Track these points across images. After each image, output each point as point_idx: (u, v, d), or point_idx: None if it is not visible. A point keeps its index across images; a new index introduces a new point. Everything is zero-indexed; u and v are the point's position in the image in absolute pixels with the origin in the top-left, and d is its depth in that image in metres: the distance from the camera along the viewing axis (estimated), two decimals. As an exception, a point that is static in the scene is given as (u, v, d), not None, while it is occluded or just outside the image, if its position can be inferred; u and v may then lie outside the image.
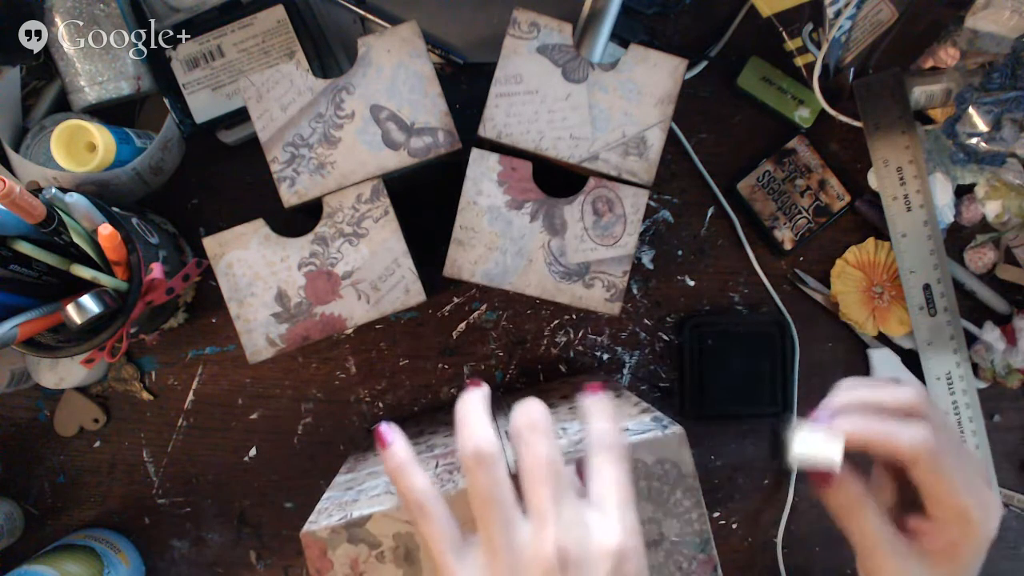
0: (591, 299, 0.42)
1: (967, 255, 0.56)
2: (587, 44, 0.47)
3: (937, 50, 0.53)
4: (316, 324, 0.42)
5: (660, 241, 0.57)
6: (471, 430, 0.31)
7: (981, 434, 0.55)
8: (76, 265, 0.44)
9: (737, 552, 0.57)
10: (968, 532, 0.33)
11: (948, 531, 0.33)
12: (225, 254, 0.42)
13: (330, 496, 0.40)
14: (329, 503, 0.38)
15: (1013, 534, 0.57)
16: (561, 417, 0.42)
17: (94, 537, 0.54)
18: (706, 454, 0.57)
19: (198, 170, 0.55)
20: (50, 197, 0.44)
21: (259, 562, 0.56)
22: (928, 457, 0.32)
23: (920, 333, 0.55)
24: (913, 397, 0.34)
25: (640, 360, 0.57)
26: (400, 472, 0.32)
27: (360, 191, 0.42)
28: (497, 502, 0.30)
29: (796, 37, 0.53)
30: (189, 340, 0.56)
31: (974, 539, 0.33)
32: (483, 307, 0.56)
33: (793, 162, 0.56)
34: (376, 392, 0.56)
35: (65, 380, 0.54)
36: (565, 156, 0.42)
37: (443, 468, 0.38)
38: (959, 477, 0.33)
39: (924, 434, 0.32)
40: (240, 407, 0.56)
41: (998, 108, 0.48)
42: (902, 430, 0.33)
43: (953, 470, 0.33)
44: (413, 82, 0.43)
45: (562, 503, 0.30)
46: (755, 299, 0.57)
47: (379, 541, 0.34)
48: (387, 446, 0.33)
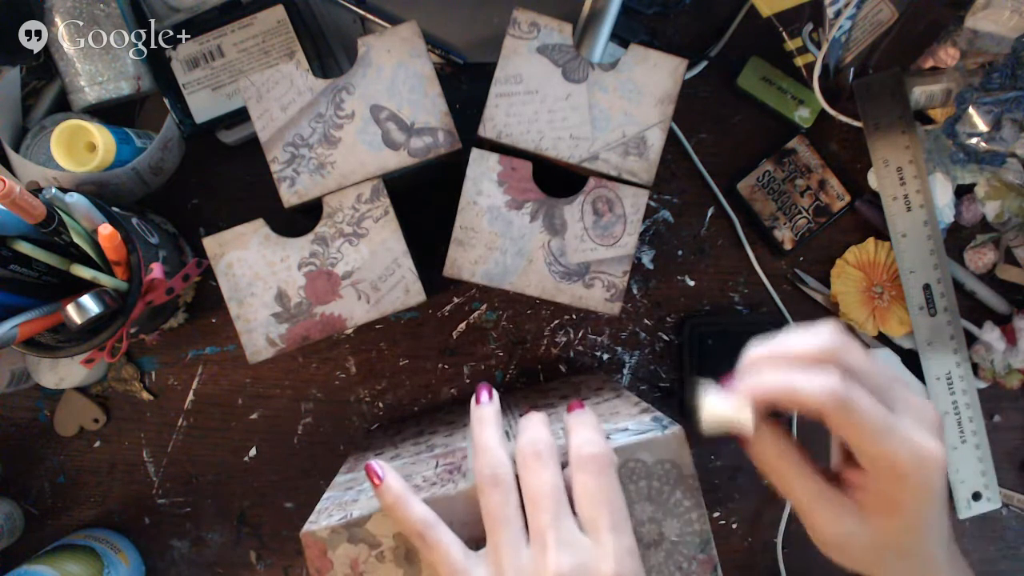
0: (591, 299, 0.42)
1: (967, 255, 0.56)
2: (587, 44, 0.48)
3: (937, 50, 0.53)
4: (316, 324, 0.42)
5: (660, 241, 0.57)
6: (490, 455, 0.33)
7: (981, 434, 0.55)
8: (76, 265, 0.44)
9: (737, 552, 0.57)
10: (902, 485, 0.30)
11: (879, 484, 0.30)
12: (225, 254, 0.42)
13: (330, 496, 0.40)
14: (329, 503, 0.38)
15: (1013, 534, 0.57)
16: (561, 417, 0.42)
17: (94, 537, 0.54)
18: (706, 454, 0.57)
19: (198, 170, 0.55)
20: (50, 197, 0.44)
21: (259, 562, 0.56)
22: (836, 406, 0.29)
23: (920, 333, 0.55)
24: (820, 341, 0.30)
25: (640, 360, 0.57)
26: (398, 506, 0.33)
27: (360, 191, 0.42)
28: (508, 522, 0.32)
29: (796, 37, 0.53)
30: (189, 340, 0.56)
31: (911, 492, 0.30)
32: (483, 307, 0.56)
33: (793, 162, 0.56)
34: (376, 392, 0.56)
35: (65, 380, 0.54)
36: (565, 156, 0.42)
37: (443, 468, 0.38)
38: (881, 424, 0.29)
39: (828, 382, 0.29)
40: (240, 407, 0.56)
41: (998, 108, 0.48)
42: (804, 381, 0.30)
43: (873, 417, 0.29)
44: (413, 82, 0.43)
45: (560, 529, 0.31)
46: (755, 299, 0.57)
47: (379, 541, 0.34)
48: (381, 481, 0.34)
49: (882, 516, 0.31)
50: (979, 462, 0.55)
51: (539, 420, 0.35)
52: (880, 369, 0.31)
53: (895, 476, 0.30)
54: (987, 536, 0.58)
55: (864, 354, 0.31)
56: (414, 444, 0.46)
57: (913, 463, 0.29)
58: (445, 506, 0.34)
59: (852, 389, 0.29)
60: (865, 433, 0.29)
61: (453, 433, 0.45)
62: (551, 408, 0.44)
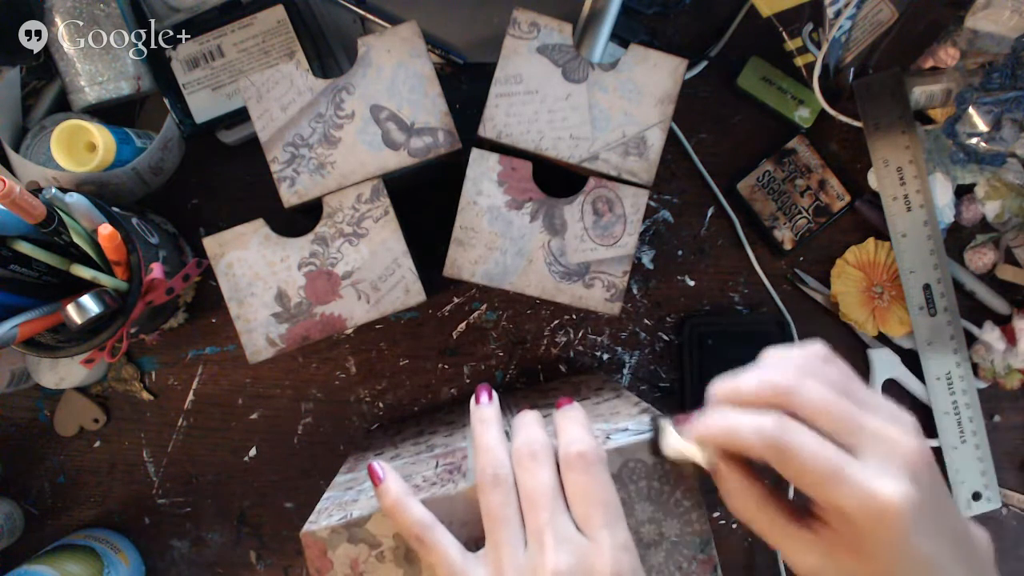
0: (591, 299, 0.42)
1: (967, 255, 0.56)
2: (587, 44, 0.47)
3: (937, 50, 0.53)
4: (316, 324, 0.42)
5: (660, 241, 0.57)
6: (491, 455, 0.33)
7: (981, 434, 0.55)
8: (76, 265, 0.44)
9: (737, 552, 0.57)
10: (860, 536, 0.27)
11: (836, 525, 0.28)
12: (225, 254, 0.42)
13: (330, 496, 0.40)
14: (329, 503, 0.38)
15: (1013, 534, 0.57)
16: None
17: (94, 537, 0.54)
18: (706, 454, 0.57)
19: (198, 170, 0.55)
20: (50, 197, 0.44)
21: (259, 562, 0.56)
22: (772, 452, 0.27)
23: (920, 333, 0.55)
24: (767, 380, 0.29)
25: (640, 360, 0.57)
26: (397, 507, 0.33)
27: (360, 191, 0.42)
28: (508, 522, 0.32)
29: (796, 37, 0.53)
30: (189, 340, 0.56)
31: (871, 544, 0.27)
32: (483, 307, 0.56)
33: (793, 162, 0.56)
34: (376, 392, 0.56)
35: (65, 380, 0.54)
36: (565, 156, 0.42)
37: (443, 468, 0.38)
38: (827, 471, 0.27)
39: (763, 425, 0.27)
40: (240, 407, 0.56)
41: (998, 108, 0.48)
42: (742, 425, 0.28)
43: (815, 463, 0.27)
44: (413, 82, 0.43)
45: (557, 528, 0.31)
46: (755, 299, 0.57)
47: (379, 541, 0.34)
48: (381, 482, 0.34)
49: (849, 557, 0.28)
50: (979, 462, 0.55)
51: (533, 419, 0.35)
52: (842, 407, 0.28)
53: (844, 521, 0.27)
54: (987, 536, 0.58)
55: (830, 383, 0.29)
56: (414, 444, 0.46)
57: (864, 514, 0.26)
58: (445, 507, 0.34)
59: (790, 432, 0.27)
60: (806, 480, 0.27)
61: (453, 433, 0.45)
62: (552, 409, 0.44)
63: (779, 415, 0.28)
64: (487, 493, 0.32)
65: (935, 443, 0.56)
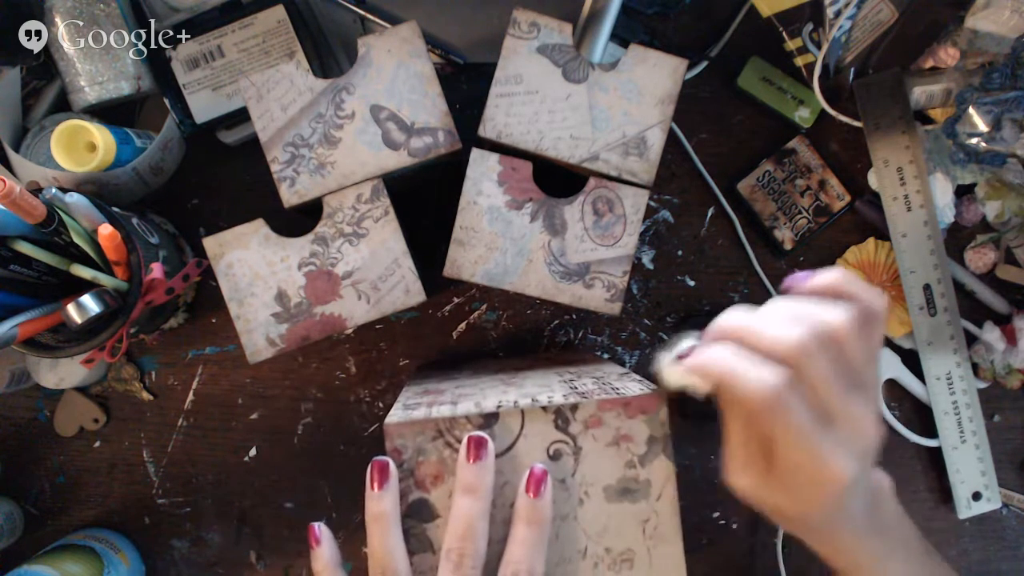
0: (591, 299, 0.42)
1: (967, 255, 0.56)
2: (587, 44, 0.47)
3: (937, 50, 0.53)
4: (316, 324, 0.42)
5: (660, 241, 0.57)
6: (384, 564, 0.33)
7: (981, 434, 0.55)
8: (76, 265, 0.44)
9: (737, 552, 0.57)
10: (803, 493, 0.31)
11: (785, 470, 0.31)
12: (225, 254, 0.42)
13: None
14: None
15: (1013, 534, 0.57)
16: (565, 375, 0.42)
17: (94, 537, 0.54)
18: (706, 454, 0.57)
19: (198, 170, 0.55)
20: (50, 197, 0.44)
21: (259, 562, 0.56)
22: (766, 408, 0.28)
23: (920, 333, 0.55)
24: (789, 338, 0.29)
25: (640, 360, 0.57)
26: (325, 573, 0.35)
27: (360, 191, 0.42)
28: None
29: (796, 37, 0.53)
30: (189, 340, 0.56)
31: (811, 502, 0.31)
32: (483, 307, 0.56)
33: (793, 162, 0.56)
34: (376, 392, 0.56)
35: (65, 380, 0.54)
36: (565, 156, 0.42)
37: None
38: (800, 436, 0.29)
39: (771, 381, 0.28)
40: (240, 407, 0.56)
41: (998, 108, 0.48)
42: (748, 379, 0.29)
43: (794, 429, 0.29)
44: (413, 82, 0.43)
45: None
46: (755, 299, 0.57)
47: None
48: (317, 545, 0.35)
49: (782, 495, 0.32)
50: (979, 462, 0.55)
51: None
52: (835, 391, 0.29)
53: (795, 478, 0.30)
54: (987, 536, 0.58)
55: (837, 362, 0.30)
56: None
57: (810, 477, 0.30)
58: None
59: (791, 398, 0.29)
60: (779, 439, 0.29)
61: None
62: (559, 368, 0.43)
63: (785, 377, 0.29)
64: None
65: (935, 443, 0.56)
